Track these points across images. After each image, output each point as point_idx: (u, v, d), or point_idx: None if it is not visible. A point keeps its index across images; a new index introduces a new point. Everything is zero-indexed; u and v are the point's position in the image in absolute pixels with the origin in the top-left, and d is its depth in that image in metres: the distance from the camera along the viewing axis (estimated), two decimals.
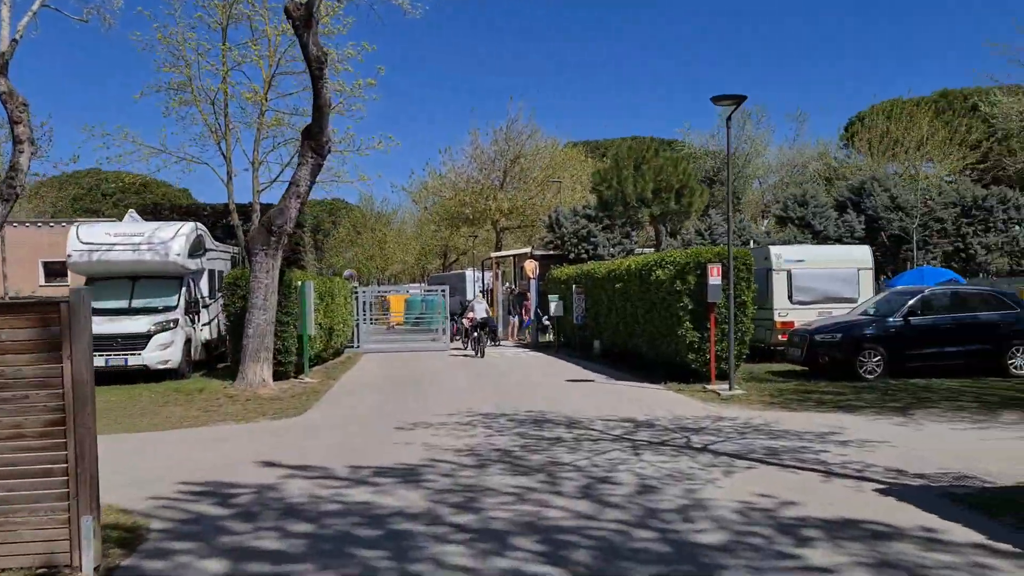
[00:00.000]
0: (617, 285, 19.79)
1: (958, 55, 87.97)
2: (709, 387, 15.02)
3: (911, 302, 15.55)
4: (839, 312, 18.28)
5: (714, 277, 15.25)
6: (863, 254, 19.31)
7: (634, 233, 31.85)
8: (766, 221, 45.72)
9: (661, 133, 74.54)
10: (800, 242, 28.40)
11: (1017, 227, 33.08)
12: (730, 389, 14.36)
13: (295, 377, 18.08)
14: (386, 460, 9.28)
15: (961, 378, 15.33)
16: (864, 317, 16.04)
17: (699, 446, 9.85)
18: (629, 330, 19.37)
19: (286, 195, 16.72)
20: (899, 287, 18.36)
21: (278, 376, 17.44)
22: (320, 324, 19.97)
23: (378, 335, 33.28)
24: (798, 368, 17.02)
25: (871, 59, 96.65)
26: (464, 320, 26.08)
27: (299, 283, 17.84)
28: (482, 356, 23.55)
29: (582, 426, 11.44)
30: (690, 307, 15.67)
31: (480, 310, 24.77)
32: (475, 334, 24.46)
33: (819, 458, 9.02)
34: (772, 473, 8.37)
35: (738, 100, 14.30)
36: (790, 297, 18.68)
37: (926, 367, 15.42)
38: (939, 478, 8.05)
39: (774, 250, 19.07)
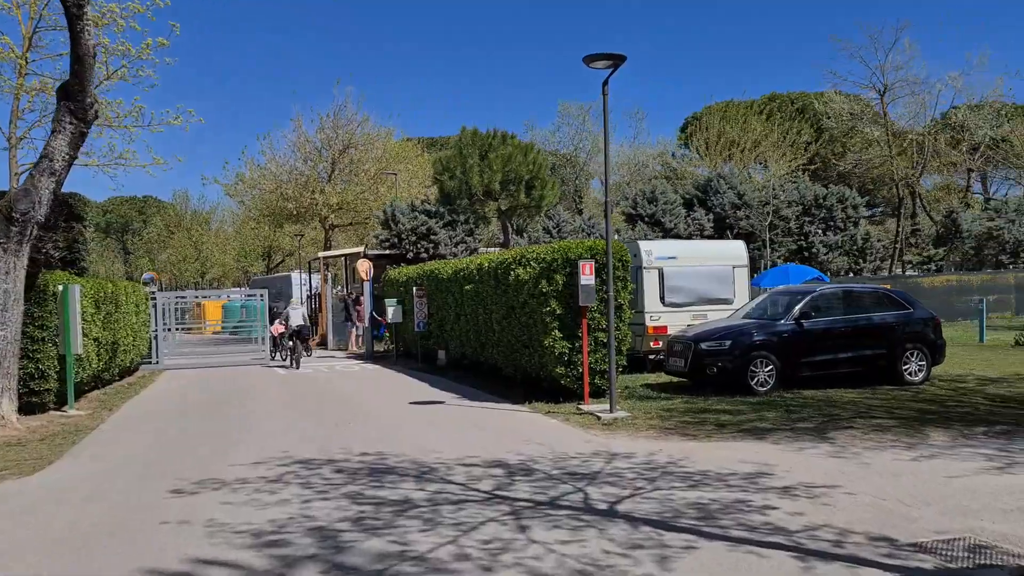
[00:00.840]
0: (467, 287, 16.95)
1: (786, 60, 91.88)
2: (584, 407, 12.46)
3: (802, 304, 13.67)
4: (715, 315, 16.31)
5: (586, 276, 12.73)
6: (738, 250, 17.50)
7: (477, 231, 29.18)
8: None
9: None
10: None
11: (855, 226, 33.15)
12: (611, 411, 11.85)
13: (56, 409, 13.97)
14: (136, 565, 5.91)
15: (857, 387, 13.63)
16: (750, 321, 14.03)
17: (603, 506, 7.13)
18: (482, 339, 16.57)
19: (35, 172, 12.69)
20: (781, 287, 16.65)
21: (30, 409, 13.37)
22: (98, 339, 15.84)
23: (187, 348, 28.83)
24: (676, 380, 14.83)
25: (708, 61, 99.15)
26: (275, 329, 23.28)
27: (60, 288, 13.74)
28: (297, 367, 21.23)
29: (437, 476, 8.46)
30: (558, 312, 13.09)
31: (296, 317, 22.21)
32: (289, 343, 22.24)
33: (771, 521, 6.52)
34: (725, 558, 5.74)
35: (616, 60, 11.79)
36: (662, 298, 16.53)
37: (819, 376, 13.59)
38: (948, 552, 5.72)
39: (644, 245, 16.88)
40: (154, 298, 23.08)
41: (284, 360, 23.14)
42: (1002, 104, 42.31)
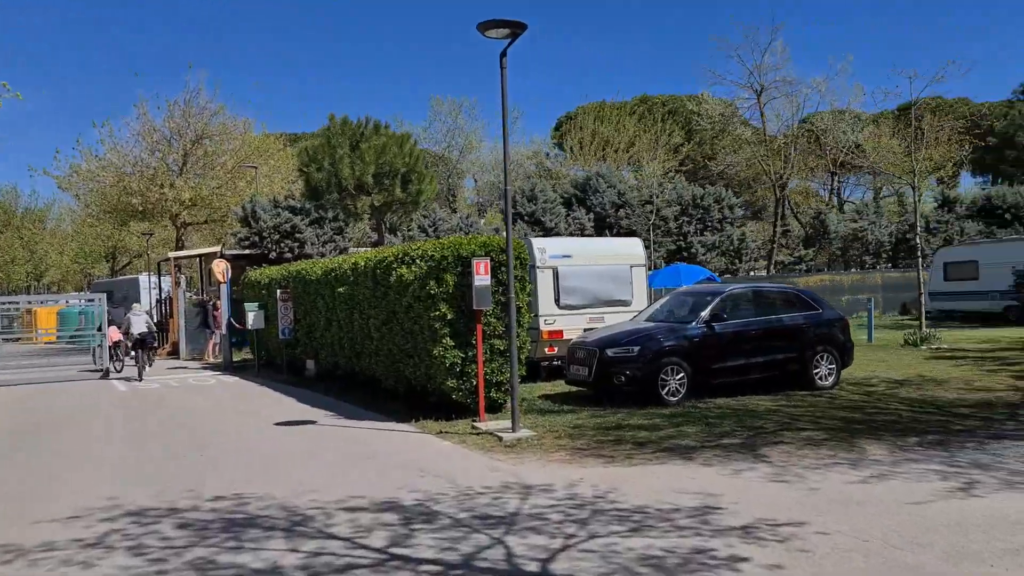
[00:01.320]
0: (340, 289, 15.03)
1: (657, 63, 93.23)
2: (480, 426, 10.91)
3: (712, 305, 12.62)
4: (613, 318, 15.12)
5: (481, 275, 11.18)
6: (636, 248, 16.39)
7: (348, 229, 27.08)
8: (483, 219, 43.18)
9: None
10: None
11: (731, 226, 33.19)
12: (513, 430, 10.33)
13: None
14: None
15: (769, 394, 12.73)
16: (658, 325, 12.86)
17: (534, 567, 5.58)
18: (357, 347, 14.71)
19: None
20: (684, 288, 15.63)
21: None
22: None
23: (12, 361, 25.24)
24: (576, 390, 13.51)
25: (582, 61, 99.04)
26: (111, 336, 20.95)
27: None
28: (140, 380, 19.12)
29: (314, 528, 6.67)
30: (449, 317, 11.47)
31: (139, 323, 20.06)
32: (131, 354, 20.52)
33: None
34: None
35: (515, 29, 10.30)
36: (557, 300, 15.18)
37: (731, 383, 12.59)
38: None
39: (537, 243, 15.49)
40: None
41: (124, 372, 20.61)
42: (859, 112, 43.89)
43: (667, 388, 12.03)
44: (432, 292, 11.60)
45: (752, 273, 34.30)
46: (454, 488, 7.81)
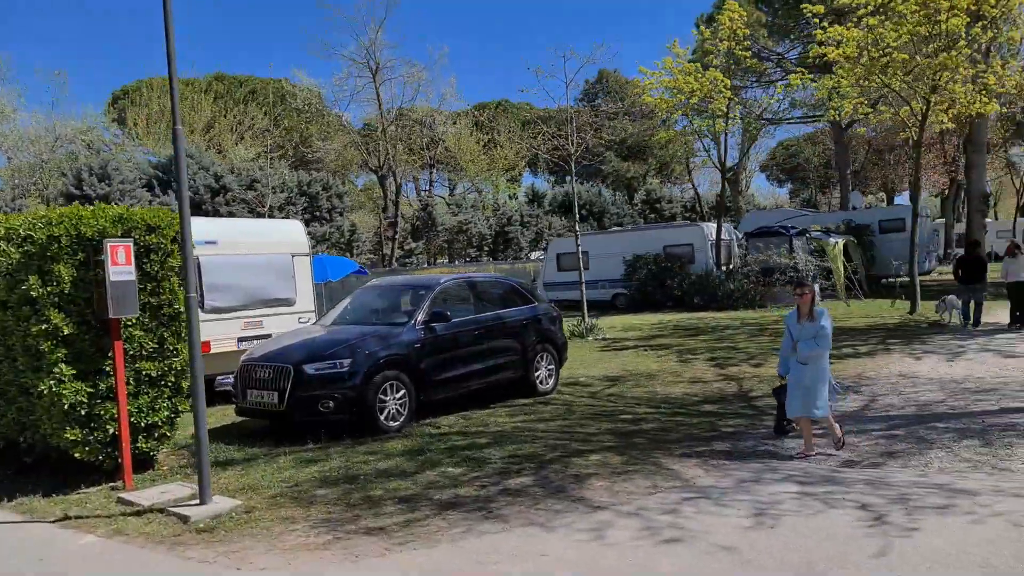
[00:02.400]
0: None
1: (237, 37, 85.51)
2: (132, 496, 7.03)
3: (430, 301, 10.01)
4: (275, 323, 11.76)
5: (120, 265, 7.29)
6: (297, 233, 12.94)
7: None
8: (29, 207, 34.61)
9: None
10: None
11: (340, 216, 30.73)
12: (203, 500, 6.67)
13: None
14: None
15: (489, 405, 10.57)
16: (361, 330, 9.85)
17: None
18: None
19: None
20: (377, 281, 12.51)
21: None
22: None
23: None
24: (249, 422, 9.96)
25: (139, 30, 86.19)
26: None
27: None
28: None
29: None
30: (65, 331, 7.29)
31: None
32: None
33: None
34: None
35: None
36: (201, 301, 11.25)
37: (452, 396, 10.18)
38: None
39: None
40: None
41: None
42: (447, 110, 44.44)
43: (386, 411, 9.17)
44: (34, 294, 7.26)
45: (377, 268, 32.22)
46: None
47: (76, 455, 7.50)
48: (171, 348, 8.01)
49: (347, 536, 5.96)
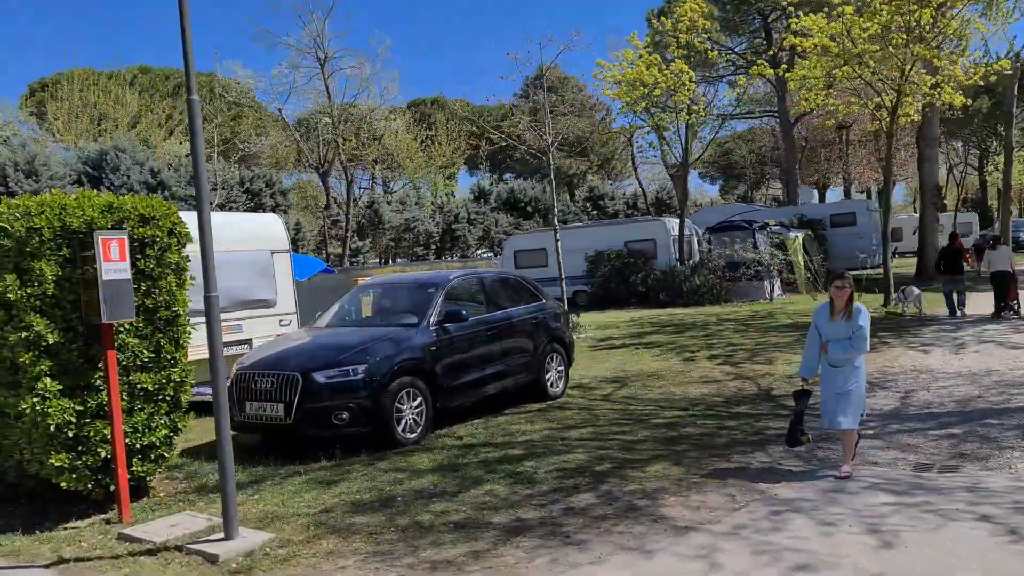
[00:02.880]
0: None
1: (163, 26, 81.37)
2: (135, 532, 6.03)
3: (441, 300, 9.13)
4: (255, 327, 10.73)
5: (113, 261, 6.29)
6: (275, 228, 11.87)
7: None
8: None
9: None
10: None
11: (284, 213, 29.34)
12: (228, 534, 5.71)
13: None
14: None
15: (505, 412, 9.78)
16: (371, 332, 8.92)
17: None
18: None
19: None
20: (371, 279, 11.47)
21: None
22: None
23: None
24: (244, 438, 8.92)
25: (56, 19, 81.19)
26: None
27: None
28: None
29: None
30: (49, 339, 6.22)
31: None
32: None
33: None
34: None
35: None
36: None
37: (468, 403, 9.35)
38: None
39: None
40: None
41: None
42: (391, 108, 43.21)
43: (403, 422, 8.28)
44: (12, 296, 6.15)
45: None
46: None
47: (62, 484, 6.42)
48: (169, 357, 7.00)
49: (411, 572, 5.12)
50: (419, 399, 8.43)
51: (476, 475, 7.13)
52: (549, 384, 10.41)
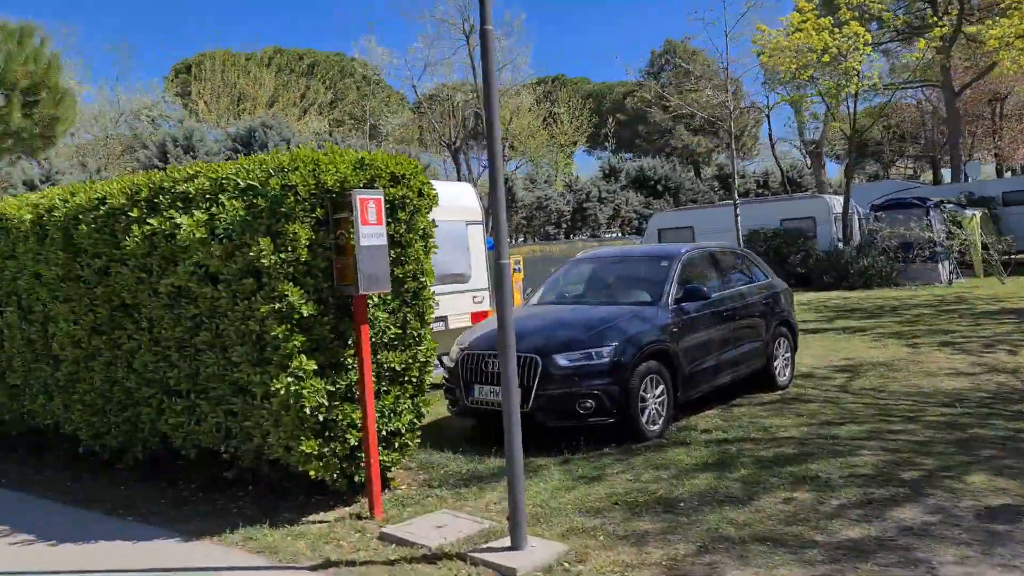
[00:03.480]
0: (10, 264, 7.71)
1: (289, 12, 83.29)
2: (399, 532, 5.34)
3: (677, 276, 8.18)
4: (449, 302, 10.06)
5: (372, 226, 5.57)
6: (469, 198, 11.23)
7: None
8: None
9: None
10: None
11: None
12: (516, 543, 4.92)
13: None
14: None
15: (733, 402, 8.78)
16: (608, 311, 8.03)
17: None
18: (43, 379, 7.64)
19: None
20: (590, 252, 10.44)
21: None
22: None
23: None
24: (458, 422, 8.24)
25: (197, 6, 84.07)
26: None
27: None
28: None
29: None
30: (304, 311, 5.57)
31: None
32: None
33: None
34: None
35: None
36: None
37: (706, 393, 8.38)
38: None
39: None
40: None
41: None
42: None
43: (647, 412, 7.38)
44: (265, 263, 5.52)
45: None
46: None
47: (311, 472, 5.80)
48: (415, 334, 6.29)
49: None
50: (661, 387, 7.50)
51: (758, 478, 6.16)
52: (776, 372, 9.32)
